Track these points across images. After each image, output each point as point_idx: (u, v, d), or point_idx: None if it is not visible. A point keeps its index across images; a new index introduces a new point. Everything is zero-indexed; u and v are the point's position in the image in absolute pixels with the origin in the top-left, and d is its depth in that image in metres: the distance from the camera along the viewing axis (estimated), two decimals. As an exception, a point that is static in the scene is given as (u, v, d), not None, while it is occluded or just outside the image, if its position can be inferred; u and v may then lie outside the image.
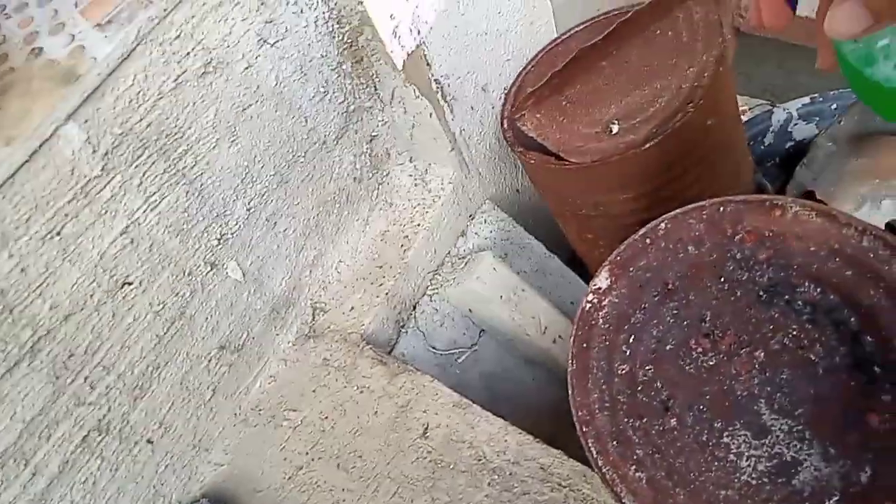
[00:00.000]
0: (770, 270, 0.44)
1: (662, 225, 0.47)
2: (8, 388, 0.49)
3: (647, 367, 0.47)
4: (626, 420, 0.45)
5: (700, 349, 0.45)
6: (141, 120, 0.52)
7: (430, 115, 0.74)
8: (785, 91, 1.61)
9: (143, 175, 0.54)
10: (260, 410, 0.69)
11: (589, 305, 0.50)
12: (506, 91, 0.82)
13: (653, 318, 0.47)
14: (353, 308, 0.74)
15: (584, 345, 0.49)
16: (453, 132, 0.77)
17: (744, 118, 1.00)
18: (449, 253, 0.81)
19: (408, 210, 0.80)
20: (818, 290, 0.43)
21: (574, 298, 0.88)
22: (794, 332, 0.43)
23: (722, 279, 0.45)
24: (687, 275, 0.46)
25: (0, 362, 0.48)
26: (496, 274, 0.74)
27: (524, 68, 0.83)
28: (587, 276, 0.92)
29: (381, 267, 0.76)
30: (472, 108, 0.79)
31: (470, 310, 0.78)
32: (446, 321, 0.79)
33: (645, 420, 0.45)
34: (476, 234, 0.83)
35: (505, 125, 0.78)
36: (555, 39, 0.84)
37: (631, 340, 0.48)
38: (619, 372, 0.48)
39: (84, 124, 0.49)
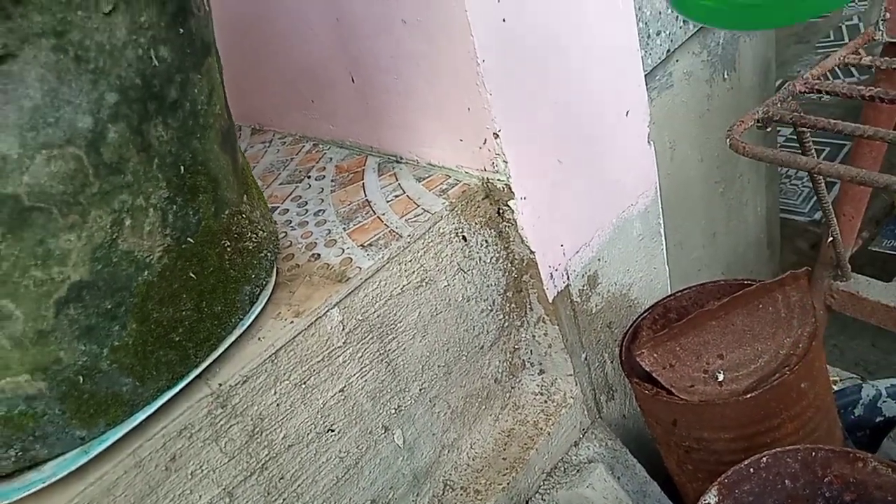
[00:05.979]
0: (855, 511, 0.55)
1: (764, 459, 0.60)
2: (240, 493, 0.65)
3: (747, 580, 0.56)
4: None
5: (795, 570, 0.55)
6: (375, 312, 0.73)
7: (564, 340, 0.92)
8: (879, 368, 1.70)
9: (364, 351, 0.73)
10: (389, 567, 0.80)
11: (699, 517, 0.61)
12: (626, 331, 1.00)
13: (754, 537, 0.58)
14: (477, 491, 0.86)
15: (693, 551, 0.60)
16: (580, 357, 0.95)
17: (834, 388, 1.11)
18: (562, 459, 0.93)
19: (532, 415, 0.94)
20: (897, 536, 0.53)
21: (669, 525, 0.95)
22: (877, 569, 0.52)
23: (814, 512, 0.56)
24: (784, 503, 0.58)
25: (243, 470, 0.65)
26: (606, 485, 0.85)
27: (641, 314, 1.01)
28: (680, 502, 0.99)
29: (504, 459, 0.89)
30: (598, 340, 0.97)
31: (577, 514, 0.88)
32: (553, 521, 0.89)
33: None
34: (588, 447, 0.95)
35: (623, 358, 0.95)
36: (669, 295, 1.03)
37: (734, 553, 0.58)
38: (723, 580, 0.57)
39: (343, 310, 0.70)
